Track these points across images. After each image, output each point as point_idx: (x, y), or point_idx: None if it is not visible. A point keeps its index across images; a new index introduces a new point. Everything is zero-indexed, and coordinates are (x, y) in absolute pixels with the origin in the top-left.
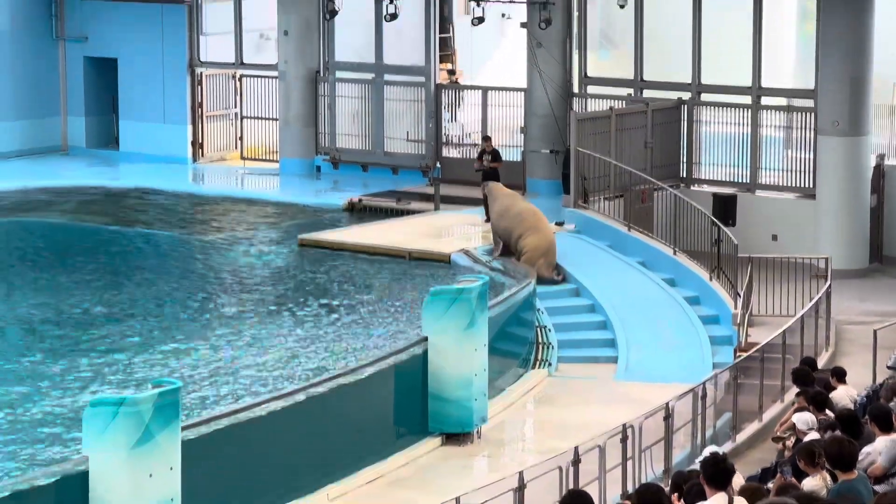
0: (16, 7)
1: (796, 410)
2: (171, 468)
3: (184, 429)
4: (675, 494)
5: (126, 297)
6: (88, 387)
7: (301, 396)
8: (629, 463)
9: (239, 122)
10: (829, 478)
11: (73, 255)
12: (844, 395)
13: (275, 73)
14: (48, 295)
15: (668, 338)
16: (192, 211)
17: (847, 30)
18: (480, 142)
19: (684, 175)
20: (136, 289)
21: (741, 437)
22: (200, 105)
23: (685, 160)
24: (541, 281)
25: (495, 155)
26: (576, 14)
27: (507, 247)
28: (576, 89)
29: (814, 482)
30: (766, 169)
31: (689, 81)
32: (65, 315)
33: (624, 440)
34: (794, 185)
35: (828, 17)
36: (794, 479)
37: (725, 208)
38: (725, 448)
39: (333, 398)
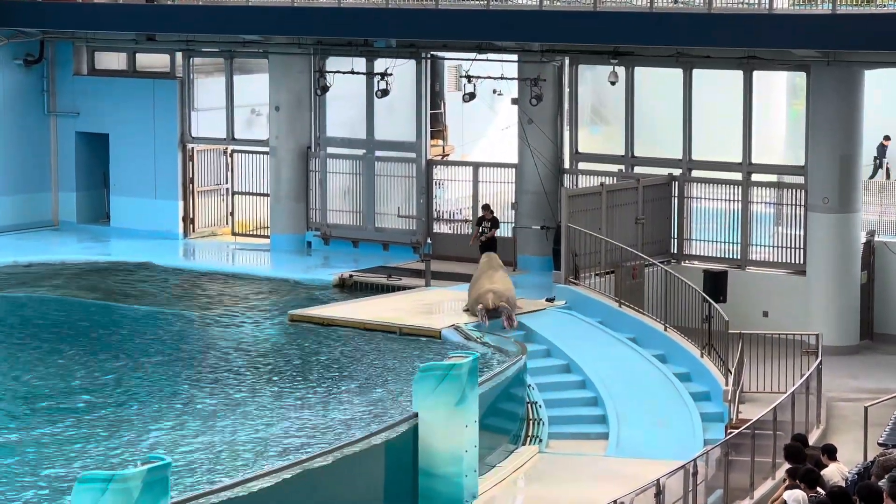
0: (7, 82)
1: (787, 488)
2: None
3: None
4: None
5: (114, 373)
6: (76, 463)
7: (290, 473)
8: None
9: (230, 197)
10: None
11: (63, 331)
12: (836, 473)
13: (266, 149)
14: (36, 370)
15: (658, 414)
16: (183, 286)
17: (836, 107)
18: (480, 210)
19: (675, 251)
20: (124, 364)
21: None
22: (191, 180)
23: (676, 236)
24: (492, 315)
25: (495, 222)
26: (567, 91)
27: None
28: (567, 165)
29: None
30: (756, 245)
31: (680, 158)
32: (52, 390)
33: None
34: (784, 261)
35: (817, 94)
36: None
37: (716, 284)
38: None
39: (323, 475)
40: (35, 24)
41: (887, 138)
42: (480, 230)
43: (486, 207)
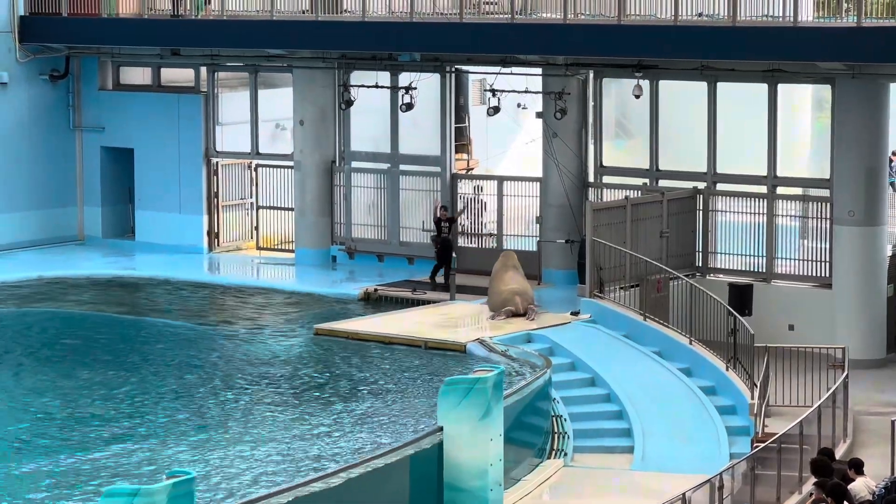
0: (33, 97)
1: (814, 502)
2: None
3: None
4: None
5: (140, 387)
6: (102, 477)
7: (315, 487)
8: None
9: (254, 211)
10: None
11: (89, 345)
12: (863, 487)
13: (290, 163)
14: (63, 385)
15: (684, 428)
16: (208, 301)
17: (862, 120)
18: (438, 211)
19: (700, 264)
20: (150, 379)
21: None
22: (216, 195)
23: (701, 249)
24: (515, 314)
25: (452, 222)
26: (591, 104)
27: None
28: (591, 179)
29: None
30: (781, 258)
31: (705, 171)
32: (79, 405)
33: None
34: (810, 274)
35: (842, 107)
36: None
37: (741, 298)
38: None
39: (348, 489)
40: (60, 39)
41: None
42: (442, 229)
43: (444, 208)
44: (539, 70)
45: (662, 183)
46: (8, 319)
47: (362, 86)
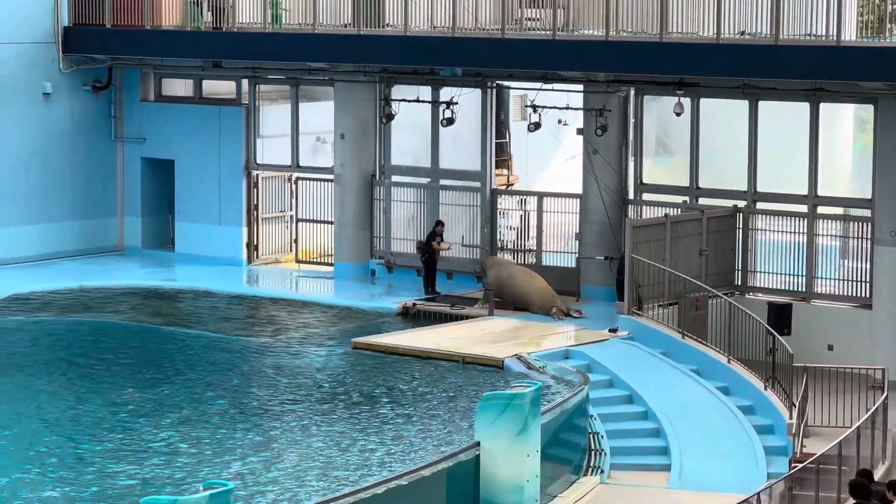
0: (75, 108)
1: None
2: None
3: None
4: None
5: (178, 399)
6: (140, 488)
7: (352, 500)
8: None
9: (294, 224)
10: None
11: (128, 356)
12: None
13: (331, 176)
14: (101, 395)
15: (721, 447)
16: (247, 313)
17: None
18: (434, 226)
19: (739, 283)
20: (188, 390)
21: None
22: (256, 207)
23: (740, 268)
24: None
25: (443, 238)
26: (632, 121)
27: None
28: (631, 196)
29: None
30: (822, 278)
31: (745, 189)
32: (117, 415)
33: None
34: (850, 294)
35: (885, 127)
36: None
37: (781, 317)
38: None
39: (385, 502)
40: (103, 50)
41: None
42: (438, 243)
43: (441, 223)
44: (580, 87)
45: (702, 201)
46: (48, 328)
47: (403, 100)
